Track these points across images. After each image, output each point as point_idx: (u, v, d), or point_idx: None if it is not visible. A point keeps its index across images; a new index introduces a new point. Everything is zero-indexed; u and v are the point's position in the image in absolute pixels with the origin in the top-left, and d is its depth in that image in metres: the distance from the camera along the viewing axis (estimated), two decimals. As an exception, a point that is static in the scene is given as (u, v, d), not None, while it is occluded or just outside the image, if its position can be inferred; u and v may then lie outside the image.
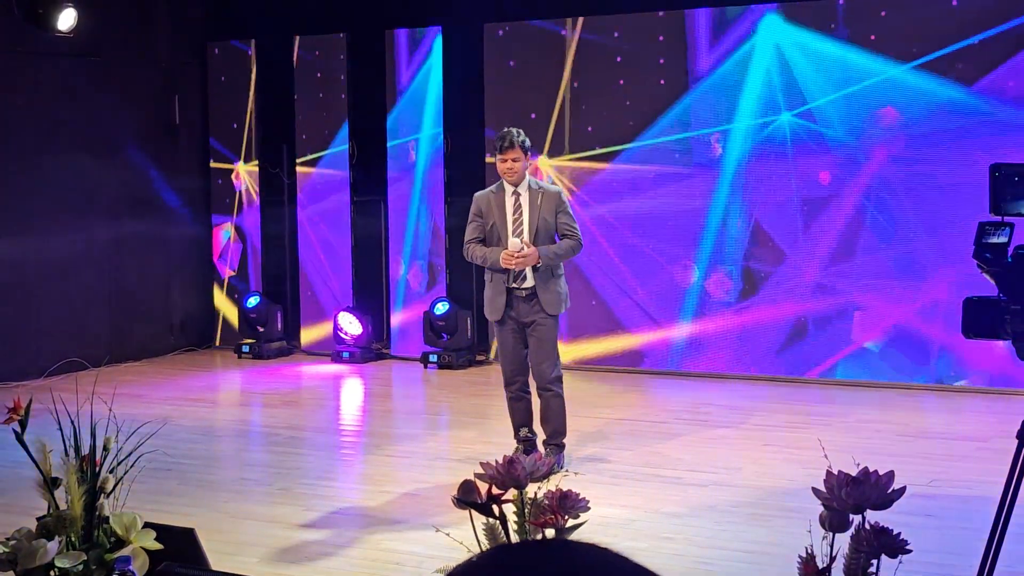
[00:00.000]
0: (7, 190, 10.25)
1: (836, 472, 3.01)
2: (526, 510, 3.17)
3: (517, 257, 6.97)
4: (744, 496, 6.68)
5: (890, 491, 2.97)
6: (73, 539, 3.49)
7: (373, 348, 11.16)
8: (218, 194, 11.95)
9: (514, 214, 7.12)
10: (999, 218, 4.50)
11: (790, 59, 9.63)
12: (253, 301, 11.45)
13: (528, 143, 7.15)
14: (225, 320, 11.97)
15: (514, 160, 7.05)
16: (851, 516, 3.00)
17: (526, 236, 7.06)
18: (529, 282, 7.08)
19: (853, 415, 8.58)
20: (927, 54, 9.19)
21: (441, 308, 10.61)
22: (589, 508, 3.16)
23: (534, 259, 6.99)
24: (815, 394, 9.32)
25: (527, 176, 7.16)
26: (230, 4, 11.84)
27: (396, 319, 11.17)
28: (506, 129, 7.17)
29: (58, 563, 3.42)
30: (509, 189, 7.14)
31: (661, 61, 10.06)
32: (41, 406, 3.67)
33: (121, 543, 3.49)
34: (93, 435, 3.54)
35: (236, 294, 11.84)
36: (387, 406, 9.81)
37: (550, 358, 7.14)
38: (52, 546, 3.43)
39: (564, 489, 3.14)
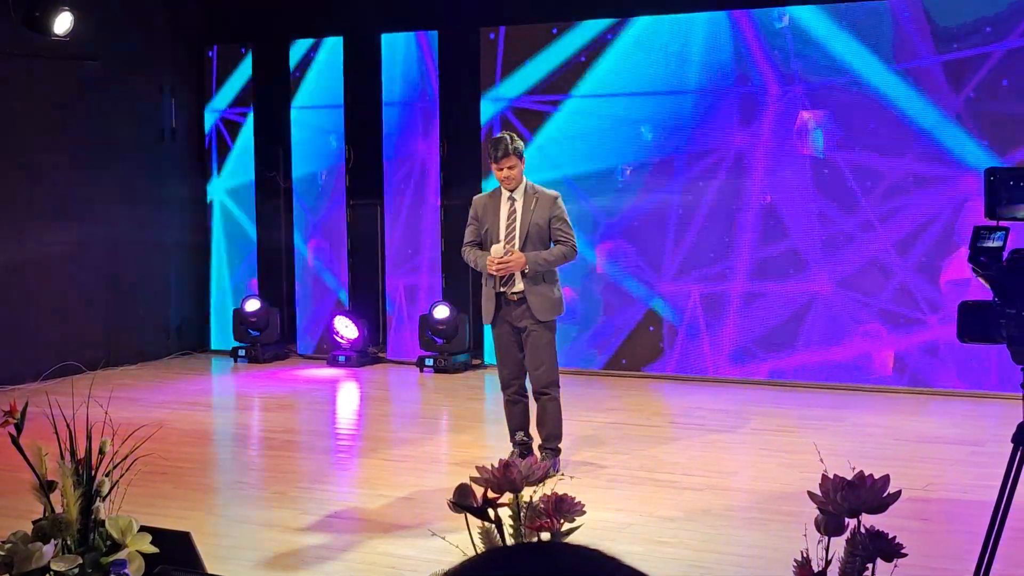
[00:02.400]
0: (4, 193, 10.24)
1: (831, 476, 3.02)
2: (522, 514, 3.17)
3: (499, 263, 6.97)
4: (740, 500, 6.68)
5: (885, 495, 2.97)
6: (69, 543, 3.48)
7: (369, 352, 11.16)
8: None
9: (508, 219, 7.11)
10: (994, 222, 4.51)
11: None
12: (252, 305, 11.42)
13: (522, 147, 7.14)
14: (221, 324, 11.94)
15: (510, 168, 7.04)
16: (846, 520, 3.01)
17: (517, 241, 7.05)
18: (518, 287, 7.07)
19: (848, 419, 8.58)
20: None
21: (441, 312, 10.58)
22: (585, 512, 3.16)
23: (519, 265, 6.98)
24: (810, 398, 9.32)
25: (524, 180, 7.16)
26: (226, 8, 11.83)
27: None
28: (499, 136, 7.14)
29: (54, 567, 3.42)
30: (505, 193, 7.15)
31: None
32: (37, 409, 3.67)
33: (117, 547, 3.49)
34: (89, 438, 3.54)
35: (234, 297, 11.82)
36: (383, 410, 9.81)
37: (545, 363, 7.13)
38: (48, 549, 3.43)
39: (560, 493, 3.14)
